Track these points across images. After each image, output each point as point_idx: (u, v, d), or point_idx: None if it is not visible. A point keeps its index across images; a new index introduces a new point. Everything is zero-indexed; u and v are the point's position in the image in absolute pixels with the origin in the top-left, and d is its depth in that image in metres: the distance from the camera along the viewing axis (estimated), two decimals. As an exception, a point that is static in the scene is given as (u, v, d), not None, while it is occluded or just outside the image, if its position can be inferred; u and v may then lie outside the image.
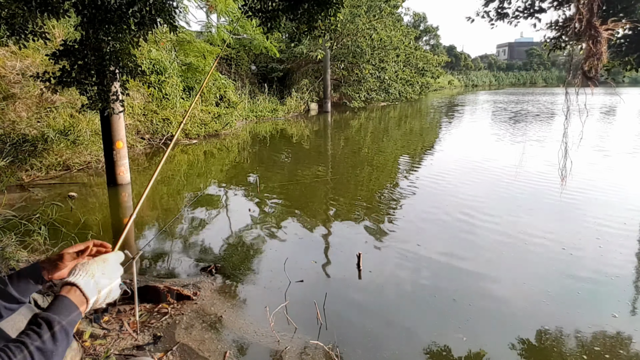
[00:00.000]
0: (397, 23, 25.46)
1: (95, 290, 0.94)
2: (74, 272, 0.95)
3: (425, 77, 29.66)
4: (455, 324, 2.96)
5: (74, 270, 0.95)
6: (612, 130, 13.30)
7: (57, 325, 0.83)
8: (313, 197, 6.27)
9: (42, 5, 3.91)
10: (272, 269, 3.79)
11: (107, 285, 0.96)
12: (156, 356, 2.48)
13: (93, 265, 0.97)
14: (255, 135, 13.17)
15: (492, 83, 58.99)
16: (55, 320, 0.83)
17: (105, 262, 0.99)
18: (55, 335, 0.81)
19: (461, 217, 5.11)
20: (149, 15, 4.20)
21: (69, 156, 7.52)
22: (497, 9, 5.12)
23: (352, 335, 2.84)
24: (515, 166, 7.94)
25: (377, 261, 3.97)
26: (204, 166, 8.65)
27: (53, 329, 0.82)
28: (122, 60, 4.55)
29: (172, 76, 11.33)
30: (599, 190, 6.21)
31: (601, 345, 2.72)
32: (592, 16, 3.27)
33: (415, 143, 11.69)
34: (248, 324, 2.93)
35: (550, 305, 3.18)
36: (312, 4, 4.00)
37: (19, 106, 7.80)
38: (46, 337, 0.80)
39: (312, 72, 21.14)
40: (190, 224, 5.13)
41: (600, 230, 4.61)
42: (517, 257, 4.05)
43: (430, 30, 52.25)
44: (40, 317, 0.83)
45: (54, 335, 0.81)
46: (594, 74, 3.36)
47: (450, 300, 3.28)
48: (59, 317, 0.84)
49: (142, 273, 3.72)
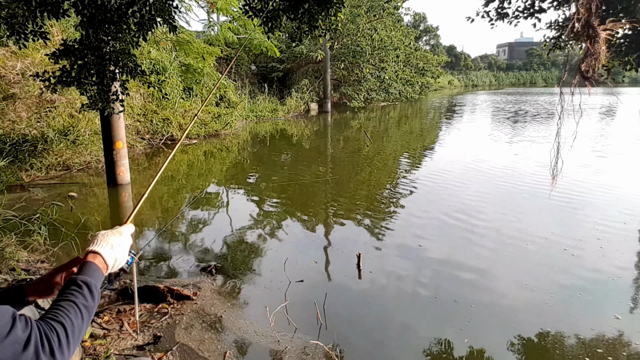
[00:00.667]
0: (397, 23, 25.45)
1: (113, 258, 1.08)
2: (96, 242, 1.07)
3: (425, 77, 29.64)
4: (456, 325, 2.96)
5: (95, 240, 1.08)
6: (611, 130, 13.30)
7: (93, 286, 0.96)
8: (313, 197, 6.27)
9: (41, 5, 3.91)
10: (272, 269, 3.80)
11: (122, 254, 1.10)
12: (156, 356, 2.48)
13: (111, 237, 1.10)
14: (255, 135, 13.17)
15: (492, 83, 58.96)
16: (92, 282, 0.96)
17: (121, 234, 1.12)
18: (93, 294, 0.94)
19: (461, 218, 5.11)
20: (149, 15, 4.21)
21: (69, 156, 7.52)
22: (497, 8, 5.11)
23: (352, 335, 2.84)
24: (515, 166, 7.94)
25: (377, 261, 3.97)
26: (204, 166, 8.65)
27: (91, 289, 0.95)
28: (122, 60, 4.55)
29: (172, 76, 11.33)
30: (599, 190, 6.21)
31: (604, 347, 2.71)
32: (591, 16, 3.28)
33: (415, 143, 11.69)
34: (248, 324, 2.93)
35: (552, 307, 3.17)
36: (313, 4, 4.00)
37: (19, 106, 7.80)
38: (88, 296, 0.93)
39: (312, 72, 21.14)
40: (190, 224, 5.14)
41: (600, 231, 4.61)
42: (519, 258, 4.04)
43: (430, 30, 52.26)
44: (79, 280, 0.95)
45: (92, 294, 0.94)
46: (592, 73, 3.36)
47: (451, 301, 3.28)
48: (92, 279, 0.97)
49: (142, 273, 3.72)
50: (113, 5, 4.07)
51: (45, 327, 0.79)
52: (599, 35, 3.18)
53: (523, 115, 17.86)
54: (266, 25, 4.23)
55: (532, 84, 59.18)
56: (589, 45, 3.23)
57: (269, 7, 4.11)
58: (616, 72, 5.67)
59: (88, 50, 4.36)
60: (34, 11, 3.94)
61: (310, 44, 19.29)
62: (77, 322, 0.86)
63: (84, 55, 4.38)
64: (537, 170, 7.44)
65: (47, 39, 4.22)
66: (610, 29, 3.35)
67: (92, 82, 4.57)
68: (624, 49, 4.69)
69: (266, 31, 4.29)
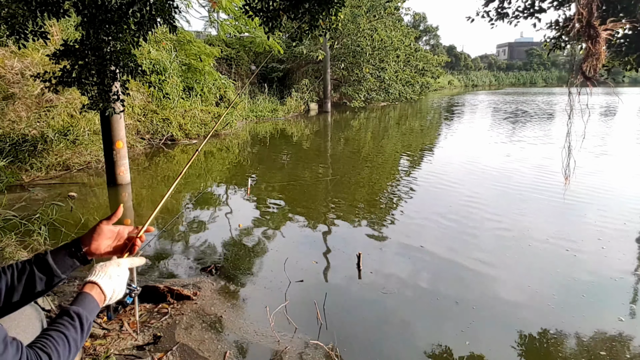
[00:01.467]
0: (398, 23, 25.44)
1: (111, 289, 1.06)
2: (95, 272, 1.06)
3: (425, 77, 29.62)
4: (456, 325, 2.96)
5: (94, 271, 1.07)
6: (611, 130, 13.30)
7: (85, 319, 0.95)
8: (313, 197, 6.27)
9: (42, 5, 3.91)
10: (272, 269, 3.79)
11: (120, 285, 1.09)
12: (156, 356, 2.48)
13: (110, 268, 1.08)
14: (255, 135, 13.17)
15: (492, 83, 58.94)
16: (84, 315, 0.95)
17: (119, 265, 1.11)
18: (83, 327, 0.94)
19: (462, 218, 5.11)
20: (149, 15, 4.20)
21: (68, 156, 7.52)
22: (497, 8, 5.12)
23: (352, 335, 2.84)
24: (516, 166, 7.94)
25: (378, 261, 3.97)
26: (204, 166, 8.65)
27: (82, 323, 0.94)
28: (123, 60, 4.55)
29: (172, 76, 11.33)
30: (598, 191, 6.21)
31: (607, 350, 2.69)
32: (591, 16, 3.28)
33: (415, 143, 11.68)
34: (248, 324, 2.93)
35: (555, 309, 3.14)
36: (313, 4, 4.00)
37: (19, 106, 7.80)
38: (79, 329, 0.92)
39: (312, 72, 21.13)
40: (190, 224, 5.13)
41: (601, 231, 4.59)
42: (521, 259, 4.01)
43: (430, 30, 52.27)
44: (72, 310, 0.95)
45: (82, 327, 0.94)
46: (593, 73, 3.36)
47: (452, 302, 3.27)
48: (86, 312, 0.95)
49: (142, 273, 3.71)
50: (113, 6, 4.07)
51: (33, 356, 0.80)
52: (600, 35, 3.18)
53: (523, 116, 17.85)
54: (266, 25, 4.22)
55: (532, 84, 59.15)
56: (590, 46, 3.23)
57: (270, 7, 4.11)
58: (616, 72, 5.67)
59: (89, 50, 4.36)
60: (34, 11, 3.93)
61: (310, 44, 19.28)
62: (63, 354, 0.87)
63: (84, 55, 4.38)
64: (539, 170, 7.44)
65: (47, 39, 4.21)
66: (610, 29, 3.35)
67: (93, 82, 4.57)
68: (624, 49, 4.69)
69: (266, 31, 4.29)
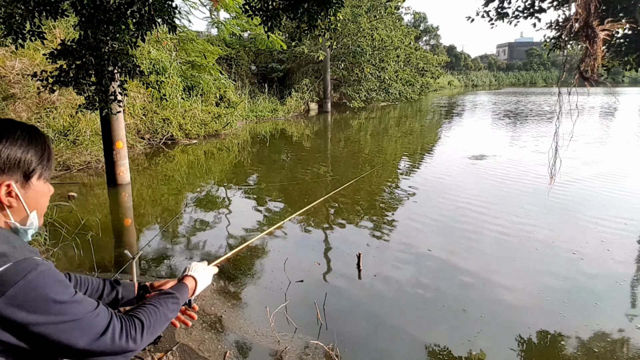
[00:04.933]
0: (398, 23, 25.44)
1: (203, 284, 1.29)
2: (191, 269, 1.29)
3: (425, 77, 29.64)
4: (456, 325, 2.96)
5: (190, 267, 1.30)
6: (611, 130, 13.30)
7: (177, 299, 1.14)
8: (313, 197, 6.27)
9: (40, 5, 3.90)
10: (273, 269, 3.79)
11: (204, 283, 1.30)
12: (156, 356, 2.48)
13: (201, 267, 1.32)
14: (255, 135, 13.17)
15: (492, 83, 58.94)
16: (179, 298, 1.15)
17: (205, 269, 1.33)
18: (174, 308, 1.12)
19: (462, 218, 5.11)
20: (148, 15, 4.20)
21: (68, 156, 7.52)
22: (497, 8, 5.11)
23: (352, 335, 2.84)
24: (516, 166, 7.93)
25: (378, 261, 3.97)
26: (204, 166, 8.65)
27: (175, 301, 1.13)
28: (121, 60, 4.54)
29: (172, 76, 11.32)
30: (598, 190, 6.21)
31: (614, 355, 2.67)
32: (590, 16, 3.27)
33: (415, 143, 11.68)
34: (248, 324, 2.93)
35: (567, 316, 3.06)
36: (312, 4, 4.00)
37: (19, 106, 7.80)
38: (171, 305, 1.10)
39: (312, 72, 21.12)
40: (190, 224, 5.13)
41: (603, 232, 4.57)
42: (525, 261, 3.96)
43: (431, 30, 52.21)
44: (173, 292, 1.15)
45: (175, 308, 1.12)
46: (591, 74, 3.35)
47: (452, 301, 3.27)
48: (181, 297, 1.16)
49: (142, 273, 3.71)
50: (112, 5, 4.07)
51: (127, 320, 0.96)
52: (597, 35, 3.18)
53: (522, 116, 17.84)
54: (266, 24, 4.23)
55: (532, 84, 59.16)
56: (588, 46, 3.23)
57: (269, 7, 4.11)
58: (616, 72, 5.66)
59: (86, 50, 4.35)
60: (32, 11, 3.93)
61: (310, 44, 19.27)
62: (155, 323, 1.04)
63: (82, 55, 4.37)
64: (538, 171, 7.43)
65: (44, 39, 4.21)
66: (608, 29, 3.34)
67: (90, 82, 4.56)
68: (624, 49, 4.69)
69: (266, 30, 4.29)
